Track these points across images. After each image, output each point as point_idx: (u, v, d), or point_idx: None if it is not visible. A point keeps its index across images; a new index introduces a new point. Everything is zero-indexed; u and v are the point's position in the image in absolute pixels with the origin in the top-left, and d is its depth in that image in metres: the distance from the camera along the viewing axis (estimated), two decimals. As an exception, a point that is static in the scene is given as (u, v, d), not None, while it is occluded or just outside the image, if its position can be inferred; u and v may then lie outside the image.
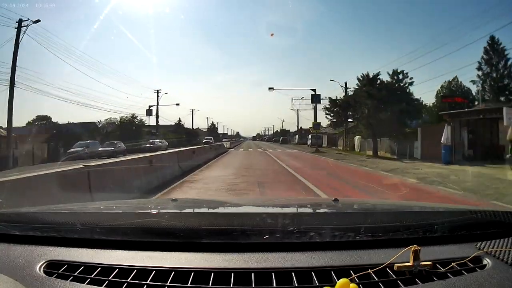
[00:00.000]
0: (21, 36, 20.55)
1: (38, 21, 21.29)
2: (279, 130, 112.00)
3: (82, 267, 1.02)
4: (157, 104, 47.82)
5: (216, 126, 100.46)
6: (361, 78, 26.56)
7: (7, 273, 0.95)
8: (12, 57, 20.62)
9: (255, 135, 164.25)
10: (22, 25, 20.80)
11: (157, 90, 45.55)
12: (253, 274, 0.97)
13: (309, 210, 1.82)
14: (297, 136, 66.71)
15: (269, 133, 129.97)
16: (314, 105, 34.61)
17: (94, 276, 0.98)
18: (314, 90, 35.03)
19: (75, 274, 0.99)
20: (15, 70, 20.66)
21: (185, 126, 63.82)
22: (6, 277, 0.92)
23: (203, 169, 14.61)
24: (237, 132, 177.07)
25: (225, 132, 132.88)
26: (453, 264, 1.00)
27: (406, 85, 24.26)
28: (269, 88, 37.45)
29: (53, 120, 42.09)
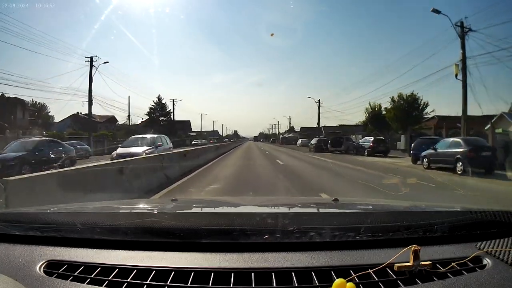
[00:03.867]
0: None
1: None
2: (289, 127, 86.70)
3: (82, 267, 1.02)
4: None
5: (170, 111, 54.65)
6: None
7: (7, 273, 0.95)
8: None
9: (257, 134, 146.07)
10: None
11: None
12: (253, 274, 0.97)
13: (309, 210, 1.82)
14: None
15: (278, 131, 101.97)
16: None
17: (94, 276, 0.98)
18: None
19: (75, 274, 0.99)
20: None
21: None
22: (6, 277, 0.92)
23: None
24: (235, 131, 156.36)
25: (214, 129, 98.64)
26: (453, 264, 1.00)
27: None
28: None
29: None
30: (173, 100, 55.49)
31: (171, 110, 56.54)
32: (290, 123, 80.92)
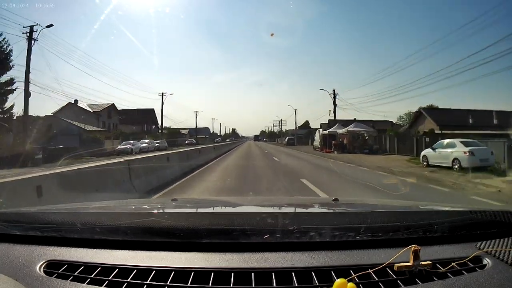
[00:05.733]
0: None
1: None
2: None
3: (82, 267, 1.02)
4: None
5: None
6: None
7: (7, 273, 0.95)
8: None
9: (258, 133, 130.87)
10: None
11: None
12: (253, 274, 0.97)
13: (309, 210, 1.82)
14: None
15: (295, 124, 65.05)
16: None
17: (94, 276, 0.98)
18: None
19: (75, 274, 0.99)
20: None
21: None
22: (6, 277, 0.92)
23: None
24: (233, 130, 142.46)
25: (197, 125, 67.64)
26: (453, 264, 1.00)
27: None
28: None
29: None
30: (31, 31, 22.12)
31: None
32: (335, 104, 36.77)
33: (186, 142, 51.69)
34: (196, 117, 72.14)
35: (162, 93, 47.42)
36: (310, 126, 68.62)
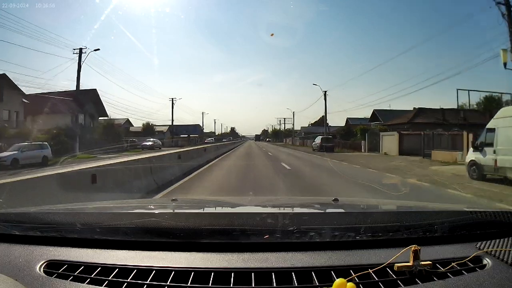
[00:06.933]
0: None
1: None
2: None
3: (82, 267, 1.02)
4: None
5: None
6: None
7: (7, 273, 0.95)
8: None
9: (259, 133, 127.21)
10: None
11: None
12: (253, 274, 0.97)
13: (309, 210, 1.82)
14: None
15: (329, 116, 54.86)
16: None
17: (94, 276, 0.98)
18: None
19: (75, 274, 0.99)
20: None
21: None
22: (6, 277, 0.92)
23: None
24: (232, 128, 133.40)
25: (172, 120, 51.35)
26: (453, 264, 1.00)
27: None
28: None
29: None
30: None
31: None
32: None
33: (146, 143, 35.22)
34: (172, 108, 51.33)
35: (80, 49, 27.08)
36: (328, 123, 62.36)
